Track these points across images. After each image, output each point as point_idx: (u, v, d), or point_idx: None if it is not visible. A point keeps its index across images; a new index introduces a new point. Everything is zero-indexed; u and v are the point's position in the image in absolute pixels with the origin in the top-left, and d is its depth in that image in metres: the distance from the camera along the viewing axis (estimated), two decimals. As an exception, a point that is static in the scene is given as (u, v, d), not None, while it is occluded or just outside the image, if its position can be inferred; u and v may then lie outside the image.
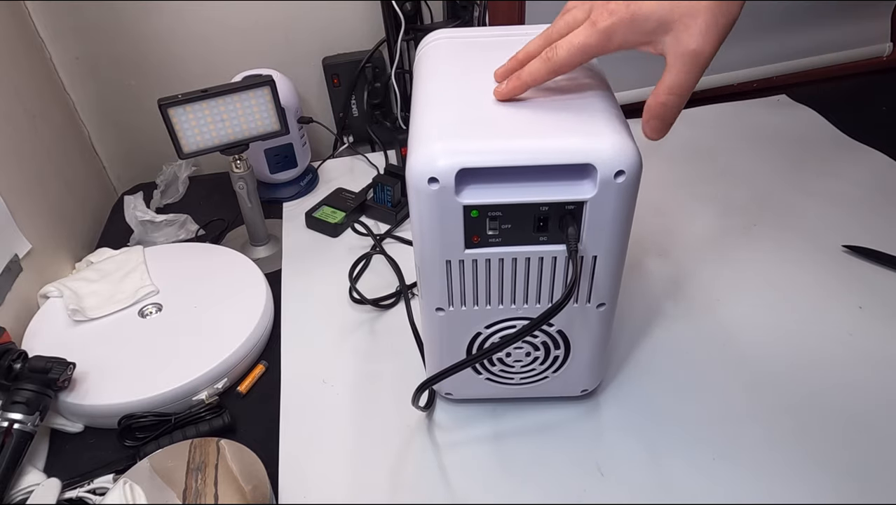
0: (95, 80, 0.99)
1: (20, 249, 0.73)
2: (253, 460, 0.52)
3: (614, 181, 0.42)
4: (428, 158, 0.43)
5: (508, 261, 0.48)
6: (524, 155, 0.43)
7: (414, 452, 0.58)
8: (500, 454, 0.57)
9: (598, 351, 0.55)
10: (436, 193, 0.43)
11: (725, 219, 0.83)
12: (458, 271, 0.49)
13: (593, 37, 0.42)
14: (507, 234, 0.46)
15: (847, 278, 0.73)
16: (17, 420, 0.56)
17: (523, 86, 0.46)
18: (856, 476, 0.53)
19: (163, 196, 0.98)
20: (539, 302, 0.50)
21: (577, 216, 0.45)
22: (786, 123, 1.03)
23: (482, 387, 0.58)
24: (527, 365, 0.56)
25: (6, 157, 0.75)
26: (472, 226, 0.46)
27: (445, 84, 0.51)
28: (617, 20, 0.41)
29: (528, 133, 0.44)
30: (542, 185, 0.44)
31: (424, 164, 0.43)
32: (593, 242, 0.46)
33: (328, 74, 1.01)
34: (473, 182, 0.44)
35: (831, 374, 0.62)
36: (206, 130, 0.73)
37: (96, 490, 0.56)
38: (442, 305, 0.51)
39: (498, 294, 0.50)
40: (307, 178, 0.99)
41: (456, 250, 0.47)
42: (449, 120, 0.46)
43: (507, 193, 0.44)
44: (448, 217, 0.45)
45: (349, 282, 0.76)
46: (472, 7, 1.00)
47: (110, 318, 0.71)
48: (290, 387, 0.66)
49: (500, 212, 0.45)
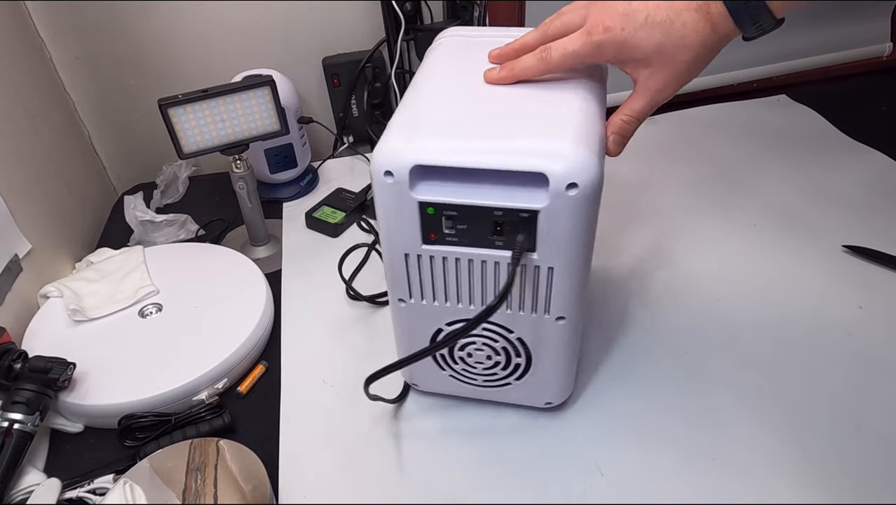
0: (95, 80, 0.99)
1: (20, 249, 0.73)
2: (253, 460, 0.52)
3: (566, 193, 0.41)
4: (386, 152, 0.44)
5: (464, 261, 0.48)
6: (477, 157, 0.42)
7: (414, 452, 0.58)
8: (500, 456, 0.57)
9: (562, 365, 0.55)
10: (391, 187, 0.44)
11: (725, 219, 0.83)
12: (415, 265, 0.49)
13: (587, 47, 0.45)
14: (464, 234, 0.46)
15: (847, 278, 0.73)
16: (17, 420, 0.56)
17: (514, 78, 0.49)
18: (856, 476, 0.53)
19: (163, 196, 0.98)
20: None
21: (531, 225, 0.44)
22: (786, 123, 1.03)
23: (447, 383, 0.58)
24: (488, 368, 0.56)
25: (6, 157, 0.75)
26: (428, 223, 0.46)
27: (434, 82, 0.51)
28: (610, 38, 0.44)
29: (490, 135, 0.43)
30: (499, 190, 0.44)
31: (382, 158, 0.44)
32: (549, 254, 0.45)
33: (328, 74, 1.01)
34: (430, 179, 0.44)
35: (831, 374, 0.62)
36: (206, 130, 0.73)
37: (96, 490, 0.56)
38: (403, 297, 0.52)
39: (455, 293, 0.50)
40: (307, 178, 0.99)
41: (414, 245, 0.48)
42: (419, 116, 0.46)
43: (462, 194, 0.44)
44: (404, 211, 0.45)
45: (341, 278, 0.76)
46: (472, 7, 1.00)
47: (110, 318, 0.71)
48: (290, 387, 0.66)
49: (456, 211, 0.45)
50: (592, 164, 0.42)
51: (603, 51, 0.45)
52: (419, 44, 1.01)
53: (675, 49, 0.44)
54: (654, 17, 0.43)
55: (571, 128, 0.44)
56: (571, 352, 0.55)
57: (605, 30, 0.44)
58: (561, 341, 0.52)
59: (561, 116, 0.45)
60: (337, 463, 0.58)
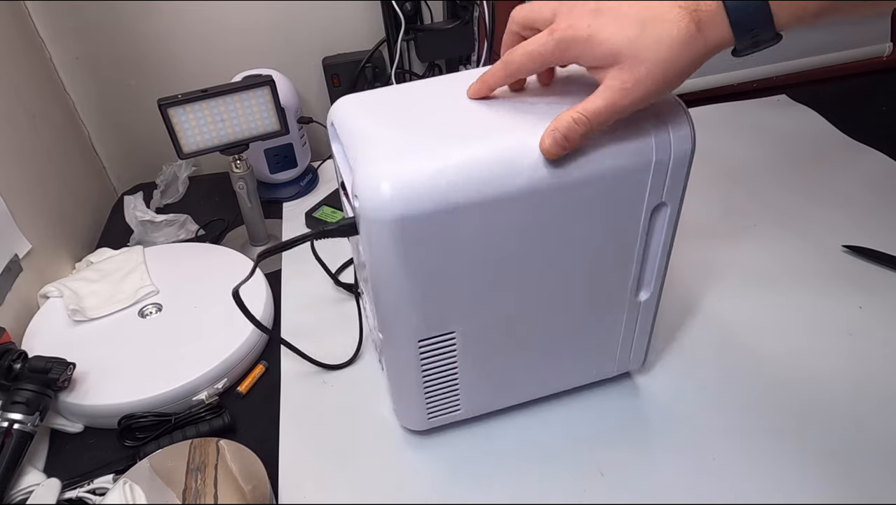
0: (95, 80, 0.99)
1: (20, 249, 0.73)
2: (253, 460, 0.52)
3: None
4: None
5: None
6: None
7: (415, 452, 0.58)
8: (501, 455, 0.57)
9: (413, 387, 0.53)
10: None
11: (725, 219, 0.83)
12: None
13: (548, 45, 0.41)
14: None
15: (847, 278, 0.72)
16: (17, 420, 0.56)
17: (487, 88, 0.46)
18: (856, 476, 0.53)
19: (163, 196, 0.98)
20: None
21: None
22: (786, 123, 1.03)
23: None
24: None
25: (6, 157, 0.75)
26: None
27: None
28: (572, 35, 0.40)
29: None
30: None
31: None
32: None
33: (328, 74, 1.01)
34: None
35: (831, 374, 0.62)
36: (206, 130, 0.73)
37: (96, 490, 0.56)
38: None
39: None
40: (307, 178, 0.99)
41: None
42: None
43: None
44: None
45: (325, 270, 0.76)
46: (472, 7, 1.00)
47: (110, 318, 0.71)
48: (290, 387, 0.66)
49: None
50: (388, 192, 0.40)
51: (566, 49, 0.40)
52: (419, 44, 1.01)
53: (649, 45, 0.38)
54: (627, 13, 0.39)
55: (427, 149, 0.42)
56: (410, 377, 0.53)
57: (568, 27, 0.40)
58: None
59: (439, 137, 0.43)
60: (337, 463, 0.58)
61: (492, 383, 0.56)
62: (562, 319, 0.53)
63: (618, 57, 0.39)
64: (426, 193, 0.41)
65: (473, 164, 0.41)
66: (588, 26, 0.39)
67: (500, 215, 0.43)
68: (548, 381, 0.59)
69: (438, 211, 0.41)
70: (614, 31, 0.39)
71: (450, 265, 0.45)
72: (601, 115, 0.40)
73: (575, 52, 0.40)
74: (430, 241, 0.43)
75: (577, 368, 0.59)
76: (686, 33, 0.38)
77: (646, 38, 0.38)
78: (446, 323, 0.49)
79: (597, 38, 0.39)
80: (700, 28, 0.38)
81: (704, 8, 0.37)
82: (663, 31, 0.38)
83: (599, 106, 0.40)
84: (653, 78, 0.39)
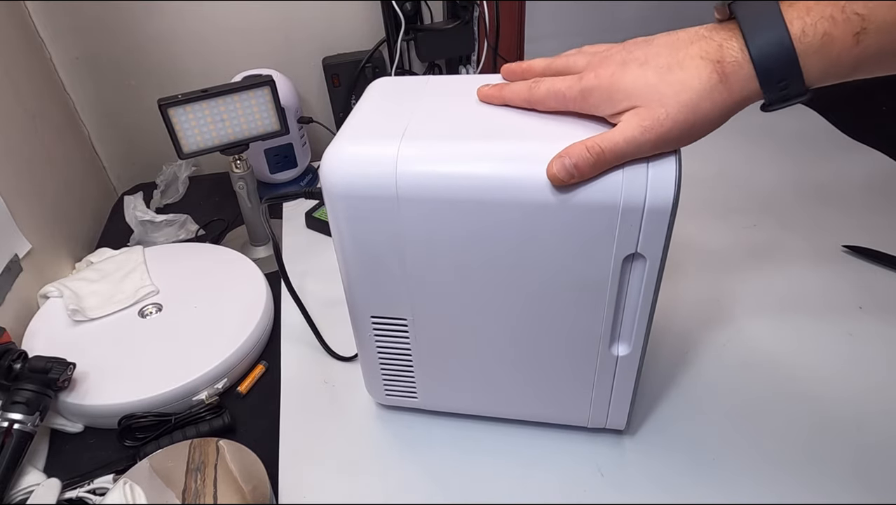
0: (95, 80, 0.99)
1: (20, 249, 0.73)
2: (253, 460, 0.52)
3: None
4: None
5: None
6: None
7: (415, 452, 0.58)
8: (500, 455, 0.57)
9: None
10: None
11: (725, 219, 0.83)
12: None
13: (573, 90, 0.42)
14: None
15: (847, 278, 0.72)
16: (17, 420, 0.56)
17: (500, 99, 0.46)
18: (855, 476, 0.53)
19: (163, 196, 0.98)
20: None
21: None
22: (786, 123, 1.03)
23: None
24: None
25: (6, 157, 0.75)
26: None
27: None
28: (597, 85, 0.40)
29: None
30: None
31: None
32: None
33: (328, 74, 1.01)
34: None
35: (831, 374, 0.62)
36: (206, 130, 0.73)
37: (96, 490, 0.56)
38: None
39: None
40: (307, 178, 0.99)
41: None
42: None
43: None
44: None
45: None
46: (472, 7, 1.00)
47: (110, 318, 0.71)
48: (290, 387, 0.66)
49: None
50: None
51: (588, 98, 0.41)
52: (419, 44, 1.01)
53: (668, 91, 0.38)
54: (652, 63, 0.39)
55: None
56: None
57: (595, 76, 0.41)
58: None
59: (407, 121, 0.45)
60: (337, 463, 0.58)
61: (451, 386, 0.56)
62: (520, 347, 0.51)
63: (635, 101, 0.39)
64: (373, 180, 0.42)
65: (426, 162, 0.42)
66: (611, 75, 0.40)
67: (446, 219, 0.43)
68: (517, 405, 0.56)
69: (382, 198, 0.43)
70: (635, 78, 0.39)
71: (395, 254, 0.46)
72: (617, 148, 0.39)
73: (595, 100, 0.41)
74: (374, 224, 0.45)
75: (544, 404, 0.55)
76: (708, 83, 0.37)
77: (665, 85, 0.38)
78: (396, 308, 0.50)
79: (617, 84, 0.39)
80: (724, 80, 0.37)
81: (730, 59, 0.37)
82: (685, 79, 0.38)
83: (617, 139, 0.39)
84: (673, 120, 0.38)
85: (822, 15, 0.35)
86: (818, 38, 0.35)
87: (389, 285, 0.49)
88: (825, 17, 0.35)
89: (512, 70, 0.48)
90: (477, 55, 1.07)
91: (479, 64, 1.08)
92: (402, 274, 0.48)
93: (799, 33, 0.35)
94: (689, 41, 0.39)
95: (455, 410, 0.59)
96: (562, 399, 0.54)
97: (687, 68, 0.38)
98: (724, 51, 0.37)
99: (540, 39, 1.17)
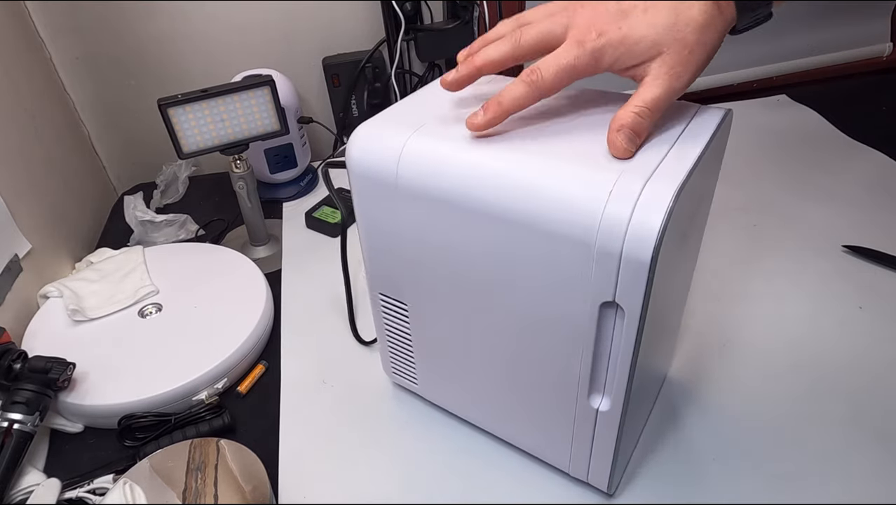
0: (95, 80, 0.99)
1: (20, 249, 0.73)
2: (253, 460, 0.52)
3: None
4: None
5: None
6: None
7: (414, 452, 0.58)
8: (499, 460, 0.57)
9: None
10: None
11: (725, 219, 0.83)
12: None
13: (583, 58, 0.39)
14: None
15: (847, 278, 0.72)
16: (17, 420, 0.56)
17: (505, 114, 0.42)
18: (855, 476, 0.53)
19: (163, 196, 0.98)
20: None
21: None
22: (786, 123, 1.03)
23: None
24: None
25: (6, 157, 0.75)
26: None
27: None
28: (606, 41, 0.39)
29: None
30: None
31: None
32: None
33: (328, 74, 1.01)
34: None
35: (831, 374, 0.62)
36: (206, 130, 0.73)
37: (96, 490, 0.56)
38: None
39: None
40: (307, 178, 0.99)
41: None
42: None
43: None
44: None
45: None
46: (472, 7, 1.00)
47: (110, 318, 0.71)
48: (290, 387, 0.66)
49: None
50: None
51: (602, 58, 0.39)
52: (419, 44, 1.01)
53: (685, 28, 0.38)
54: (655, 4, 0.39)
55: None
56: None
57: (599, 35, 0.39)
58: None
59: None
60: (337, 463, 0.58)
61: (445, 385, 0.57)
62: (504, 370, 0.49)
63: (660, 46, 0.39)
64: (380, 163, 0.45)
65: (423, 158, 0.43)
66: (619, 28, 0.39)
67: (437, 217, 0.44)
68: (503, 426, 0.56)
69: (385, 182, 0.45)
70: (649, 25, 0.39)
71: (395, 238, 0.48)
72: (660, 102, 0.40)
73: (610, 58, 0.40)
74: (378, 204, 0.47)
75: (528, 435, 0.54)
76: (711, 15, 0.39)
77: (680, 23, 0.38)
78: (398, 291, 0.52)
79: (632, 36, 0.39)
80: (720, 9, 0.39)
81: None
82: (693, 14, 0.38)
83: (658, 94, 0.39)
84: (696, 58, 0.39)
85: None
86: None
87: (393, 268, 0.51)
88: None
89: (465, 52, 0.46)
90: (477, 55, 1.07)
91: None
92: (402, 260, 0.49)
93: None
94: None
95: (449, 409, 0.60)
96: (543, 436, 0.52)
97: (692, 4, 0.39)
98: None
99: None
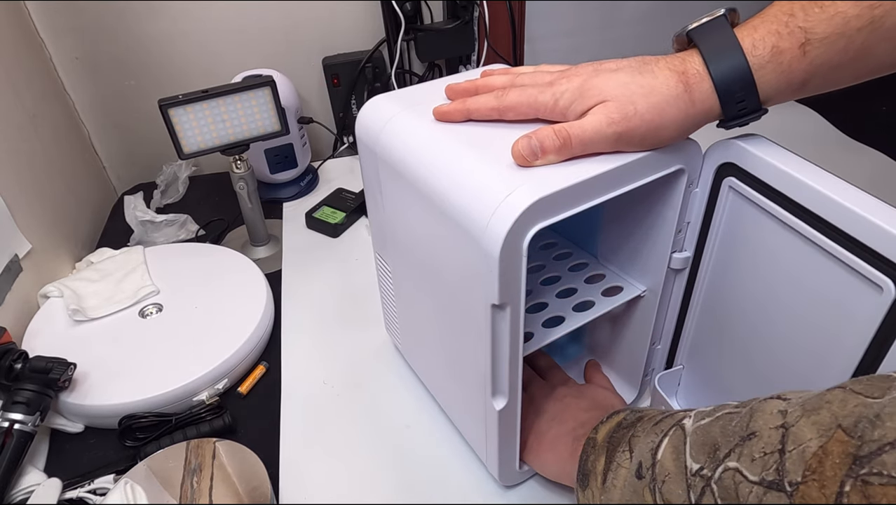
0: (95, 80, 0.99)
1: (20, 249, 0.73)
2: (254, 461, 0.52)
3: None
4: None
5: None
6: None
7: (415, 452, 0.58)
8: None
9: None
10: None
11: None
12: None
13: (545, 94, 0.42)
14: None
15: (847, 278, 0.72)
16: (17, 420, 0.56)
17: (464, 114, 0.46)
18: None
19: (163, 196, 0.98)
20: None
21: None
22: (786, 123, 1.03)
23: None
24: None
25: (6, 157, 0.75)
26: None
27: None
28: (568, 87, 0.41)
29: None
30: None
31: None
32: None
33: (328, 74, 1.01)
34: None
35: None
36: (207, 131, 0.73)
37: (97, 490, 0.56)
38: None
39: None
40: (307, 178, 0.99)
41: None
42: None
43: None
44: None
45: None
46: (472, 7, 1.00)
47: (111, 318, 0.71)
48: (290, 387, 0.66)
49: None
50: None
51: (559, 99, 0.42)
52: (419, 44, 1.01)
53: (641, 90, 0.39)
54: (623, 69, 0.41)
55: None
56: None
57: (567, 81, 0.42)
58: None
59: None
60: (337, 463, 0.58)
61: (415, 347, 0.61)
62: (445, 356, 0.53)
63: (606, 95, 0.40)
64: (370, 131, 0.50)
65: (398, 130, 0.48)
66: (583, 79, 0.41)
67: (395, 183, 0.48)
68: (450, 407, 0.59)
69: (371, 149, 0.50)
70: (607, 79, 0.40)
71: (378, 198, 0.53)
72: (584, 136, 0.40)
73: (565, 101, 0.41)
74: (369, 168, 0.52)
75: (462, 420, 0.57)
76: (675, 91, 0.39)
77: (636, 85, 0.39)
78: (384, 250, 0.58)
79: (588, 84, 0.41)
80: (688, 89, 0.39)
81: (692, 71, 0.39)
82: (654, 84, 0.39)
83: (584, 127, 0.40)
84: (641, 118, 0.39)
85: (769, 31, 0.38)
86: (768, 50, 0.38)
87: (380, 228, 0.56)
88: (771, 32, 0.38)
89: (464, 88, 0.48)
90: (477, 55, 1.07)
91: (479, 64, 1.08)
92: (382, 221, 0.55)
93: (750, 48, 0.38)
94: (655, 59, 0.41)
95: (420, 375, 0.64)
96: (470, 423, 0.54)
97: (657, 76, 0.40)
98: (687, 65, 0.40)
99: (540, 39, 1.17)
